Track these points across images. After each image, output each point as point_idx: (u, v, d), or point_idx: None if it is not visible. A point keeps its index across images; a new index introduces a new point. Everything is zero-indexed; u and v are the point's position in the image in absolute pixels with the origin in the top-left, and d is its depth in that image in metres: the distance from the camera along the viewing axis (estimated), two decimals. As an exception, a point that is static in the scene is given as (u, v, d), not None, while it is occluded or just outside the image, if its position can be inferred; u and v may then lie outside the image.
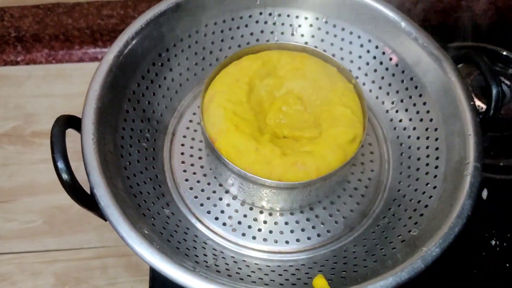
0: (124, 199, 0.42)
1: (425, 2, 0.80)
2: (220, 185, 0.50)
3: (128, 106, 0.49)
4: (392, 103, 0.54)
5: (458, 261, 0.56)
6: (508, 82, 0.65)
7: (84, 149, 0.42)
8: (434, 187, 0.46)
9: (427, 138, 0.50)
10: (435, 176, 0.47)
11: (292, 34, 0.58)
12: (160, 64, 0.53)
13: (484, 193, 0.60)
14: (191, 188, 0.50)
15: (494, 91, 0.46)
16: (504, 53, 0.72)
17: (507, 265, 0.56)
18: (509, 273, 0.55)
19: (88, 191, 0.41)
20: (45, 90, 0.74)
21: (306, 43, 0.58)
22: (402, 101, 0.54)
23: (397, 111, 0.54)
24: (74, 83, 0.74)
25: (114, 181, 0.42)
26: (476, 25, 0.82)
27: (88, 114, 0.44)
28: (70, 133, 0.43)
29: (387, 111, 0.55)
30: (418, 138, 0.51)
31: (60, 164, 0.39)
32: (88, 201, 0.41)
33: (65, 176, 0.39)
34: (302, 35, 0.58)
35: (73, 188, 0.40)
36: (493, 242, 0.57)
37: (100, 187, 0.40)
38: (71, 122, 0.44)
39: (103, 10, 0.75)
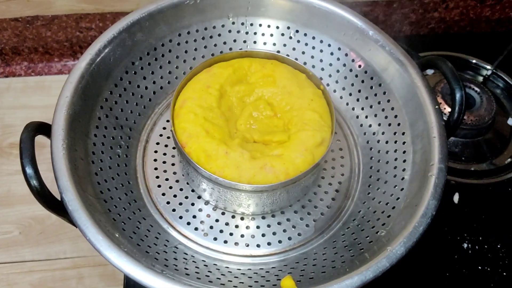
0: (94, 204, 0.42)
1: (399, 14, 0.82)
2: (193, 190, 0.51)
3: (101, 113, 0.50)
4: (362, 109, 0.56)
5: (430, 264, 0.57)
6: (477, 89, 0.67)
7: (53, 155, 0.42)
8: (402, 189, 0.47)
9: (395, 142, 0.51)
10: (402, 179, 0.48)
11: (265, 43, 0.59)
12: (133, 72, 0.54)
13: (456, 197, 0.62)
14: (163, 194, 0.50)
15: (457, 95, 0.47)
16: (474, 61, 0.74)
17: (479, 267, 0.57)
18: (481, 276, 0.56)
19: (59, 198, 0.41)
20: (24, 102, 0.74)
21: (278, 51, 0.59)
22: (371, 106, 0.55)
23: (366, 117, 0.55)
24: (53, 95, 0.74)
25: (84, 186, 0.43)
26: (449, 35, 0.84)
27: (58, 121, 0.44)
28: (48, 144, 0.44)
29: (357, 116, 0.56)
30: (387, 142, 0.52)
31: (29, 170, 0.39)
32: (57, 206, 0.41)
33: (33, 182, 0.39)
34: (274, 44, 0.59)
35: (42, 193, 0.40)
36: (465, 245, 0.58)
37: (69, 192, 0.40)
38: (41, 128, 0.44)
39: (82, 22, 0.76)
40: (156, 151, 0.53)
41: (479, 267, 0.57)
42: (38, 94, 0.76)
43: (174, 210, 0.49)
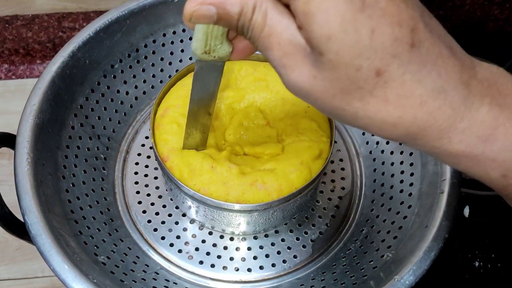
0: (62, 226, 0.38)
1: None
2: (177, 207, 0.46)
3: (74, 122, 0.45)
4: (364, 115, 0.51)
5: (440, 285, 0.52)
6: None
7: (16, 171, 0.38)
8: (409, 207, 0.43)
9: (401, 153, 0.47)
10: (410, 194, 0.43)
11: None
12: (112, 76, 0.49)
13: (466, 211, 0.57)
14: (144, 212, 0.45)
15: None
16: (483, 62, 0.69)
17: (492, 288, 0.53)
18: (495, 297, 0.52)
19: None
20: (2, 107, 0.70)
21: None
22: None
23: (369, 124, 0.50)
24: (33, 100, 0.70)
25: (51, 206, 0.38)
26: (455, 34, 0.80)
27: (23, 131, 0.39)
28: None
29: (359, 124, 0.51)
30: (391, 153, 0.48)
31: (-15, 188, 0.35)
32: (20, 229, 0.37)
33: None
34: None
35: (1, 215, 0.35)
36: (477, 264, 0.54)
37: (32, 213, 0.36)
38: (5, 140, 0.40)
39: (64, 22, 0.72)
40: (137, 163, 0.48)
41: (492, 288, 0.53)
42: (18, 98, 0.72)
43: (155, 229, 0.44)
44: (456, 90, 0.22)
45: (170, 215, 0.45)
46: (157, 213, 0.45)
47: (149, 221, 0.45)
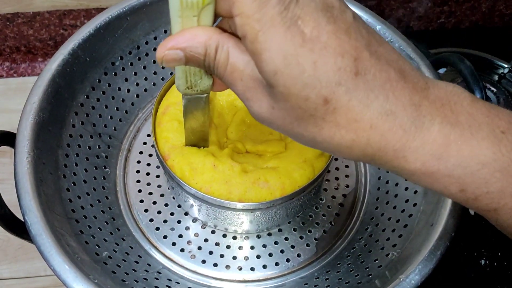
0: (63, 226, 0.37)
1: (406, 8, 0.77)
2: (179, 206, 0.45)
3: (75, 120, 0.44)
4: (368, 112, 0.50)
5: (445, 284, 0.51)
6: (494, 89, 0.61)
7: (16, 170, 0.37)
8: (414, 204, 0.42)
9: (406, 150, 0.46)
10: (415, 192, 0.43)
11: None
12: (113, 73, 0.48)
13: (472, 208, 0.56)
14: (146, 210, 0.45)
15: (477, 96, 0.41)
16: (488, 58, 0.68)
17: (499, 287, 0.52)
18: (501, 296, 0.51)
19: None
20: (4, 105, 0.70)
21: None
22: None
23: (373, 121, 0.50)
24: (35, 98, 0.70)
25: (51, 205, 0.37)
26: (459, 30, 0.79)
27: (23, 130, 0.39)
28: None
29: (363, 121, 0.50)
30: (396, 150, 0.47)
31: (-16, 187, 0.34)
32: (21, 229, 0.36)
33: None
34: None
35: (1, 214, 0.35)
36: (483, 262, 0.54)
37: (32, 213, 0.35)
38: (6, 138, 0.39)
39: (65, 19, 0.71)
40: (139, 161, 0.48)
41: (499, 287, 0.52)
42: (20, 96, 0.71)
43: (157, 228, 0.44)
44: (405, 112, 0.23)
45: (172, 214, 0.45)
46: (159, 212, 0.45)
47: (151, 220, 0.44)
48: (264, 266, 0.43)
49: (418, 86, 0.24)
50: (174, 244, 0.43)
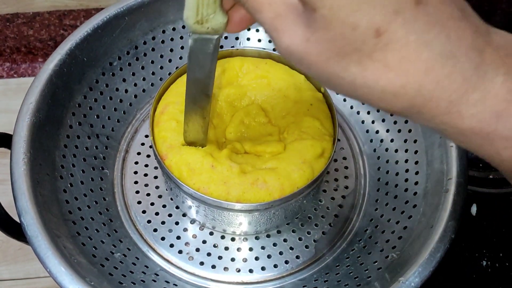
0: (59, 227, 0.37)
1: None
2: (177, 207, 0.45)
3: (73, 121, 0.44)
4: (368, 112, 0.50)
5: (445, 284, 0.51)
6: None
7: (12, 171, 0.37)
8: (414, 206, 0.42)
9: (406, 150, 0.45)
10: (415, 193, 0.42)
11: (259, 40, 0.53)
12: (111, 74, 0.48)
13: (473, 209, 0.56)
14: (144, 212, 0.45)
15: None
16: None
17: (500, 288, 0.51)
18: (503, 298, 0.51)
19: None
20: (4, 106, 0.70)
21: (274, 50, 0.53)
22: (378, 110, 0.49)
23: (373, 122, 0.49)
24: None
25: (48, 206, 0.37)
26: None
27: (19, 131, 0.39)
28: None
29: (363, 121, 0.50)
30: (396, 151, 0.47)
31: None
32: (17, 231, 0.36)
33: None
34: (270, 41, 0.53)
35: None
36: (484, 263, 0.53)
37: (28, 214, 0.35)
38: (3, 140, 0.39)
39: (66, 19, 0.71)
40: (136, 162, 0.48)
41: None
42: (20, 97, 0.71)
43: (155, 230, 0.44)
44: (467, 56, 0.20)
45: (170, 215, 0.45)
46: (157, 213, 0.45)
47: (148, 222, 0.44)
48: (263, 268, 0.43)
49: (480, 30, 0.20)
50: (172, 245, 0.43)
